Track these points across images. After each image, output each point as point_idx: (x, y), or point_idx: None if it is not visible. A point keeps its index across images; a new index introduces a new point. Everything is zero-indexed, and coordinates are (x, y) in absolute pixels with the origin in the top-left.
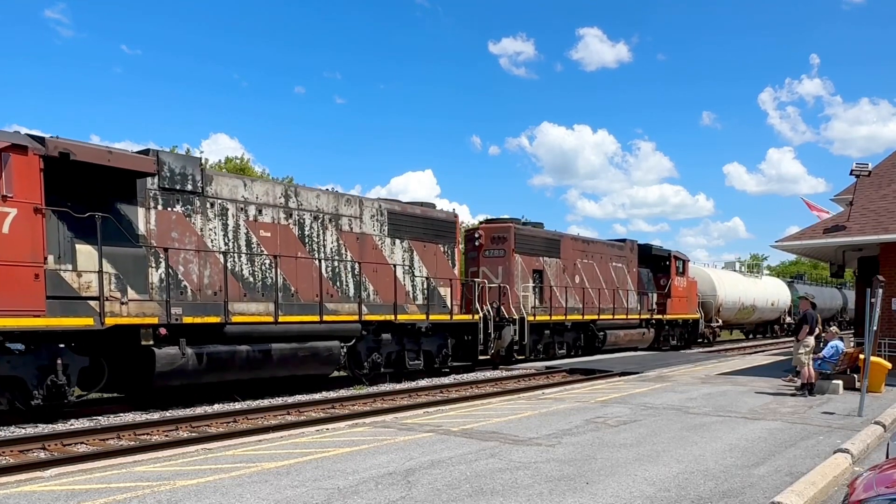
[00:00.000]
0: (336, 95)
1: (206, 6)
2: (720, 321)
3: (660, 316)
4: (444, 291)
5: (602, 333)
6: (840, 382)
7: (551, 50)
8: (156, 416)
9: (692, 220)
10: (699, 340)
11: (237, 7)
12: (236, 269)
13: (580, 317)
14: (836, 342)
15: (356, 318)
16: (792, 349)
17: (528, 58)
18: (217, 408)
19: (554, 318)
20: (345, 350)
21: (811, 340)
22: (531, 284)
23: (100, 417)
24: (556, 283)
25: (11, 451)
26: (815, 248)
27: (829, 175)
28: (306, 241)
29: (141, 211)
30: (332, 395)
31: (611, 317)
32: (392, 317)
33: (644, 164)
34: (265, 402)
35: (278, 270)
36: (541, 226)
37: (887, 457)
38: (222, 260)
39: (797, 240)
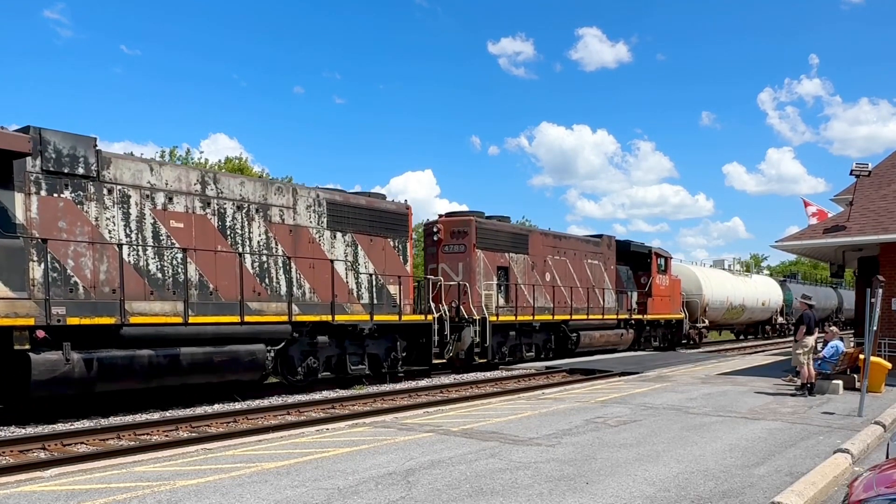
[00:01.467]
0: (335, 95)
1: (205, 6)
2: (706, 321)
3: (640, 316)
4: (395, 290)
5: (575, 335)
6: (840, 382)
7: (551, 50)
8: (156, 416)
9: (692, 220)
10: (683, 342)
11: (236, 7)
12: (140, 263)
13: (550, 317)
14: (836, 342)
15: (285, 318)
16: (791, 349)
17: (527, 58)
18: (217, 408)
19: (520, 318)
20: (272, 354)
21: (809, 341)
22: (495, 282)
23: (100, 417)
24: (524, 281)
25: (11, 451)
26: (815, 248)
27: (829, 175)
28: (228, 233)
29: (18, 197)
30: (331, 395)
31: (585, 317)
32: (329, 317)
33: (644, 163)
34: (265, 403)
35: (192, 265)
36: (507, 220)
37: (887, 457)
38: (122, 253)
39: (797, 240)
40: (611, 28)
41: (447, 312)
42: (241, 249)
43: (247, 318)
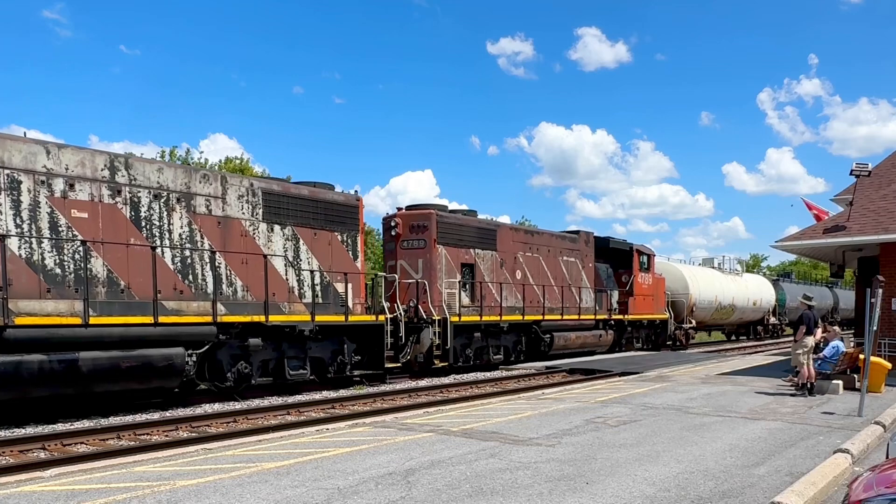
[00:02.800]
0: (335, 95)
1: (204, 6)
2: (693, 322)
3: (620, 316)
4: (343, 288)
5: (548, 336)
6: (840, 382)
7: (550, 50)
8: (156, 415)
9: (692, 220)
10: (668, 343)
11: (235, 7)
12: (35, 257)
13: (520, 317)
14: (836, 342)
15: (208, 318)
16: (791, 349)
17: (526, 58)
18: (217, 408)
19: (486, 318)
20: (195, 358)
21: (809, 341)
22: (459, 280)
23: (100, 417)
24: (492, 279)
25: (11, 451)
26: (815, 248)
27: (829, 175)
28: (143, 224)
29: None
30: (332, 395)
31: (559, 317)
32: (262, 317)
33: (643, 163)
34: (265, 403)
35: (99, 260)
36: (473, 214)
37: (887, 457)
38: (11, 246)
39: (797, 240)
40: (610, 28)
41: (402, 313)
42: (158, 243)
43: (162, 319)
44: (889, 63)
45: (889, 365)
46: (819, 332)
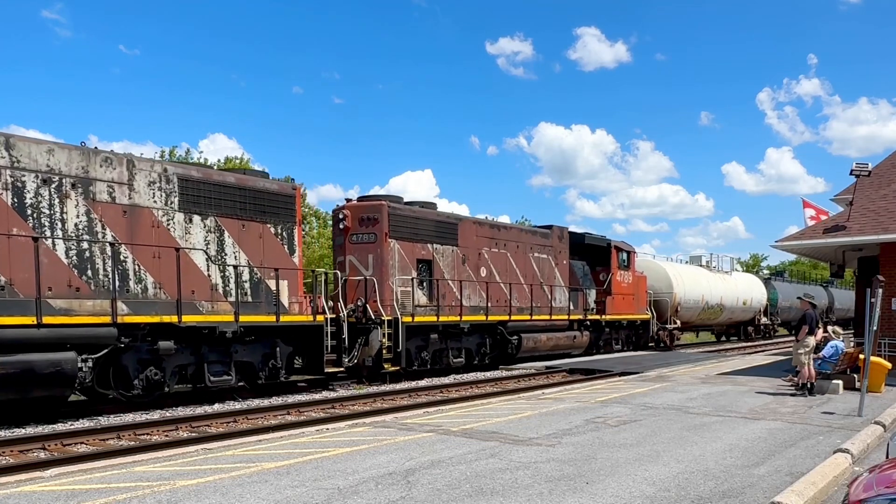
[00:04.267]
0: (334, 96)
1: (203, 6)
2: (678, 322)
3: (597, 316)
4: (277, 285)
5: (516, 337)
6: (840, 382)
7: (549, 50)
8: (156, 415)
9: (692, 220)
10: (651, 344)
11: (235, 7)
12: None
13: (483, 317)
14: (836, 342)
15: (107, 319)
16: (791, 349)
17: (525, 58)
18: (217, 408)
19: (444, 318)
20: (90, 364)
21: (811, 340)
22: (414, 277)
23: (100, 417)
24: (452, 276)
25: (11, 451)
26: (815, 248)
27: (829, 175)
28: (28, 212)
29: None
30: (332, 395)
31: (528, 317)
32: (174, 318)
33: (643, 163)
34: (265, 403)
35: None
36: (432, 206)
37: (887, 457)
38: None
39: (797, 240)
40: (609, 28)
41: (345, 313)
42: (48, 233)
43: (48, 320)
44: (889, 63)
45: (889, 365)
46: (820, 332)
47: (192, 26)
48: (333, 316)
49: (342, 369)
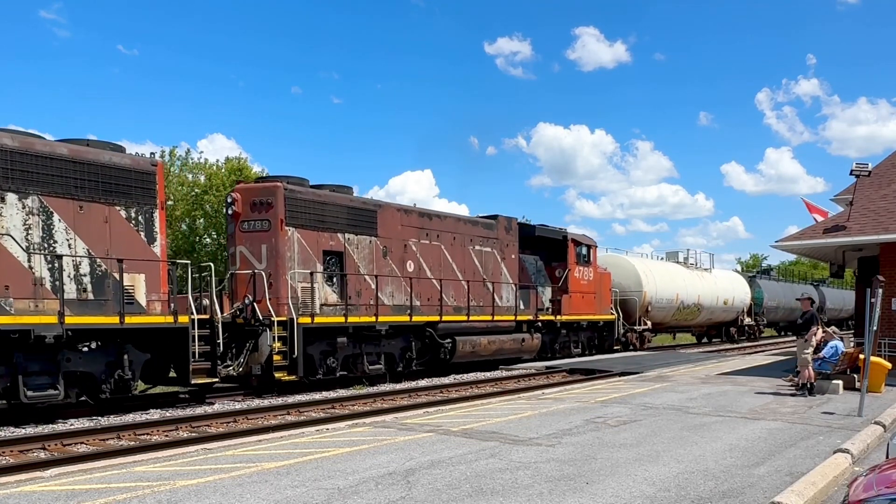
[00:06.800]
0: (333, 95)
1: (202, 6)
2: (649, 323)
3: (551, 317)
4: (132, 280)
5: (449, 341)
6: (840, 382)
7: (548, 50)
8: (156, 415)
9: (691, 220)
10: (616, 347)
11: (233, 6)
12: None
13: (406, 318)
14: (835, 342)
15: None
16: (796, 349)
17: (524, 58)
18: (217, 408)
19: (355, 319)
20: None
21: (813, 340)
22: (320, 272)
23: (100, 417)
24: (370, 271)
25: (11, 451)
26: (815, 248)
27: (828, 175)
28: None
29: None
30: (331, 395)
31: (464, 318)
32: None
33: (643, 163)
34: (265, 403)
35: None
36: (347, 190)
37: (887, 457)
38: None
39: (797, 240)
40: (608, 28)
41: (231, 313)
42: None
43: None
44: (888, 63)
45: (889, 365)
46: (820, 332)
47: (191, 26)
48: (206, 317)
49: (216, 380)
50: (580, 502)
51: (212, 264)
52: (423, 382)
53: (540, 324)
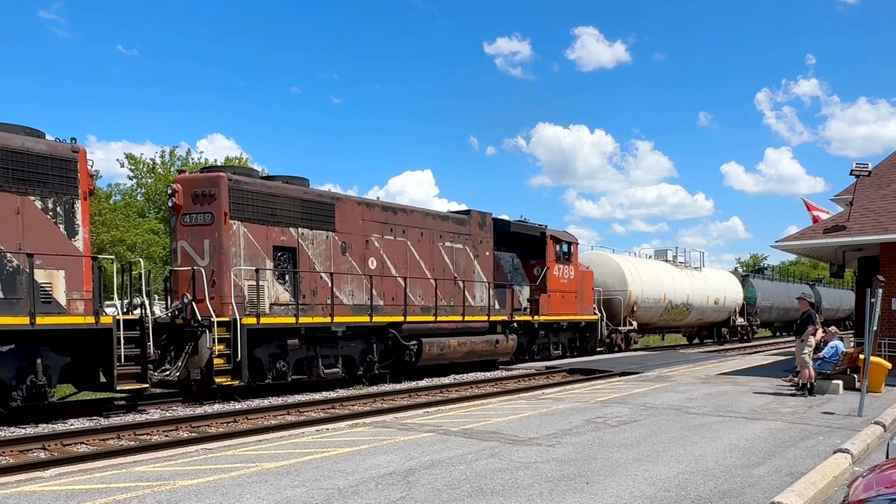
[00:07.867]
0: (333, 96)
1: (201, 6)
2: (635, 324)
3: (528, 317)
4: (50, 277)
5: (415, 342)
6: (840, 382)
7: (547, 50)
8: (156, 415)
9: (691, 220)
10: (600, 349)
11: (233, 7)
12: None
13: (366, 318)
14: (835, 342)
15: None
16: (795, 349)
17: (524, 58)
18: (217, 408)
19: (307, 319)
20: None
21: (813, 340)
22: (270, 269)
23: (100, 417)
24: (326, 268)
25: (11, 451)
26: (815, 248)
27: (828, 175)
28: None
29: None
30: (331, 395)
31: (431, 318)
32: None
33: (643, 163)
34: (265, 403)
35: None
36: (302, 182)
37: (887, 457)
38: None
39: (797, 240)
40: (608, 28)
41: (149, 313)
42: None
43: None
44: (887, 63)
45: (889, 365)
46: (819, 332)
47: (191, 26)
48: (135, 317)
49: (146, 385)
50: (580, 502)
51: (141, 260)
52: (423, 382)
53: (516, 324)
